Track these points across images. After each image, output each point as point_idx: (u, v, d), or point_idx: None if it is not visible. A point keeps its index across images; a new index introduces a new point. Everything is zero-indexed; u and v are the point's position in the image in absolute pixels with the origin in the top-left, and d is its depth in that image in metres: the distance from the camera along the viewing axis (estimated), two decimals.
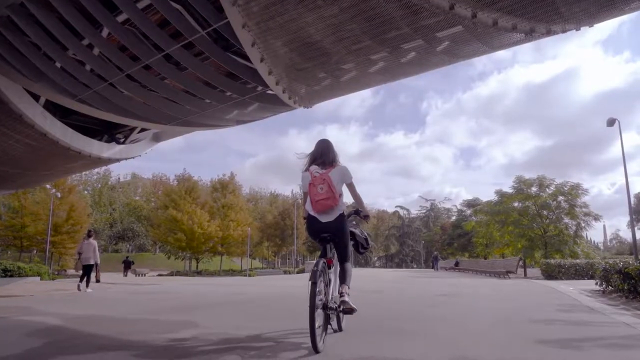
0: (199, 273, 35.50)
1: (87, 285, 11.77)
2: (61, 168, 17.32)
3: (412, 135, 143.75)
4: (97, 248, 12.25)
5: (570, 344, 3.80)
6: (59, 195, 31.46)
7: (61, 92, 10.90)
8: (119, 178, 77.17)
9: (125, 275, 33.05)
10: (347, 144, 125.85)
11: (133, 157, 17.18)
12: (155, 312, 6.05)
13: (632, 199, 59.97)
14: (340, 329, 3.93)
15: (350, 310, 3.47)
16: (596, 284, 9.87)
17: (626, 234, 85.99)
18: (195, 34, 8.40)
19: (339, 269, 3.73)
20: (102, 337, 3.94)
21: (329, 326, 3.52)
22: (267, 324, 4.64)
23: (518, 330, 4.38)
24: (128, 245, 70.55)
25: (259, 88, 10.72)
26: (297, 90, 9.60)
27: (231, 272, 36.57)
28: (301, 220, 44.84)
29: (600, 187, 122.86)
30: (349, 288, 3.57)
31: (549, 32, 7.25)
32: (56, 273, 34.65)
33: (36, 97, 12.56)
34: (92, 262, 11.94)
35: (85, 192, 64.26)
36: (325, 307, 3.29)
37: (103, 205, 64.95)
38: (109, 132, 16.55)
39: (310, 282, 3.10)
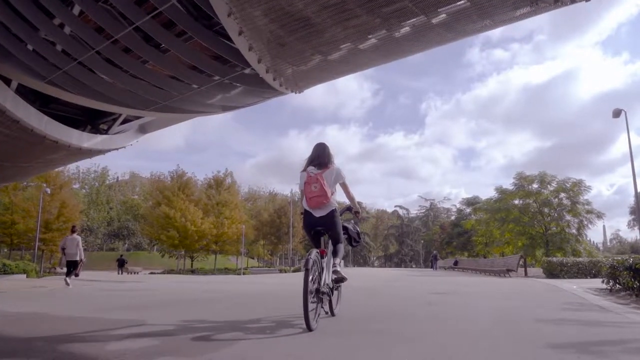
0: (192, 272, 34.78)
1: (67, 278, 11.36)
2: (41, 160, 16.55)
3: (411, 136, 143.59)
4: (80, 243, 11.90)
5: (588, 348, 3.12)
6: (48, 191, 30.70)
7: (29, 73, 10.15)
8: (117, 177, 76.82)
9: (120, 274, 32.51)
10: (347, 144, 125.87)
11: (117, 149, 16.41)
12: (111, 310, 5.41)
13: (634, 199, 59.56)
14: (332, 313, 4.25)
15: (341, 279, 3.94)
16: (602, 281, 9.49)
17: (627, 234, 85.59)
18: (166, 3, 7.66)
19: (332, 249, 4.02)
20: (10, 339, 3.25)
21: (322, 311, 3.85)
22: (224, 323, 3.98)
23: (524, 332, 3.70)
24: (124, 244, 69.90)
25: (247, 71, 10.00)
26: (282, 70, 8.85)
27: (226, 271, 35.90)
28: (297, 218, 44.22)
29: (600, 188, 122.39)
30: (340, 261, 3.99)
31: (556, 2, 6.55)
32: (47, 271, 33.94)
33: (7, 82, 11.80)
34: (76, 258, 11.61)
35: (83, 190, 63.78)
36: (317, 291, 3.59)
37: (100, 203, 64.38)
38: (92, 122, 15.81)
39: (304, 269, 3.41)
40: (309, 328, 3.35)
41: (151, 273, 33.99)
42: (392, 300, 6.85)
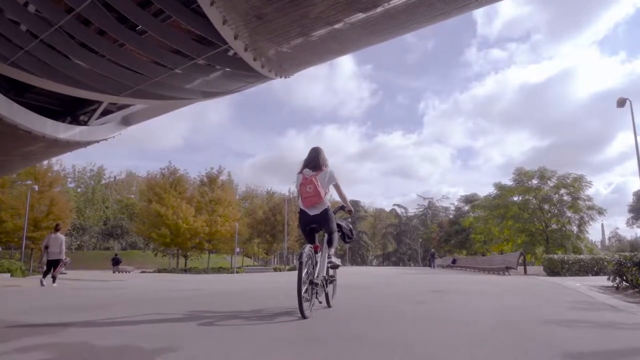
0: (185, 270, 34.05)
1: (53, 281, 11.20)
2: (18, 152, 15.80)
3: (410, 135, 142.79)
4: (64, 243, 11.63)
5: (615, 359, 2.43)
6: (36, 188, 29.95)
7: None
8: (114, 176, 76.55)
9: (115, 272, 31.92)
10: (345, 144, 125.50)
11: (98, 141, 15.66)
12: (50, 310, 4.78)
13: (632, 197, 59.22)
14: (329, 305, 4.54)
15: (335, 266, 4.51)
16: (608, 279, 8.86)
17: (625, 232, 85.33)
18: None
19: (326, 239, 4.37)
20: None
21: (318, 301, 4.08)
22: (170, 325, 3.31)
23: (532, 337, 3.04)
24: (119, 243, 69.20)
25: (230, 53, 9.25)
26: (263, 49, 8.11)
27: (220, 270, 35.19)
28: (292, 217, 43.61)
29: (597, 187, 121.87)
30: (334, 250, 4.41)
31: None
32: (38, 270, 33.17)
33: None
34: (58, 258, 11.38)
35: (79, 189, 63.30)
36: (311, 282, 3.86)
37: (96, 202, 63.85)
38: (71, 113, 15.07)
39: (298, 262, 3.72)
40: (303, 316, 3.61)
41: (142, 272, 33.29)
42: (385, 299, 6.28)
